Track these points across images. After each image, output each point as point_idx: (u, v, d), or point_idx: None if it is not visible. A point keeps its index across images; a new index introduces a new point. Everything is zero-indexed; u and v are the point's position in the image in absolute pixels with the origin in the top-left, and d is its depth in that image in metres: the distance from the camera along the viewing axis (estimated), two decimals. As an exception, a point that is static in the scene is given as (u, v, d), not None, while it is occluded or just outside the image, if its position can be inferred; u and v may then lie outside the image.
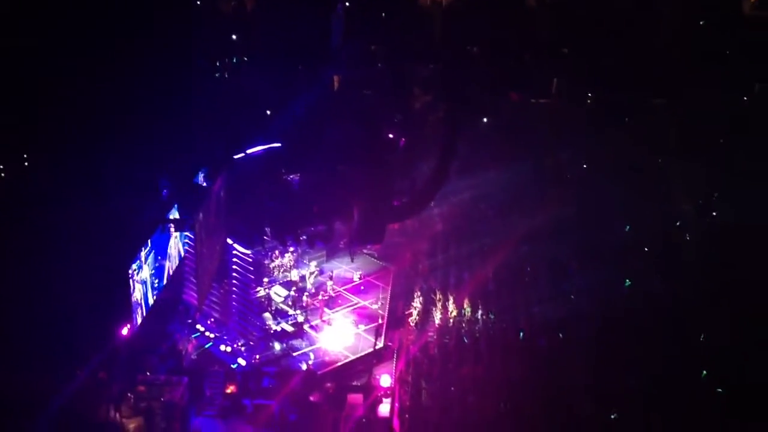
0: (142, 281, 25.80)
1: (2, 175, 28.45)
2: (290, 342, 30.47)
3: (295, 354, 29.84)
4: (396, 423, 25.96)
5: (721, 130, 37.97)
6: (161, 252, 27.73)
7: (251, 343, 30.19)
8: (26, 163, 27.12)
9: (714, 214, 36.51)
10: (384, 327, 31.27)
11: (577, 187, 39.54)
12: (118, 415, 25.58)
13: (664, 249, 34.36)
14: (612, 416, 25.33)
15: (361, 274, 35.54)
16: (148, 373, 27.55)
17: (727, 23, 38.05)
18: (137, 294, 25.53)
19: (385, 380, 27.28)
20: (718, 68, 37.51)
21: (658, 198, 37.64)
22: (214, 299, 31.46)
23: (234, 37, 38.55)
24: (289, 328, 31.04)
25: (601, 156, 40.38)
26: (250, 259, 30.47)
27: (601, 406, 25.73)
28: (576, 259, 35.10)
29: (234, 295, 31.01)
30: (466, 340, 30.34)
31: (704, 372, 27.43)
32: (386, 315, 32.21)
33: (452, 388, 27.40)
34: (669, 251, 34.21)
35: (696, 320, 29.72)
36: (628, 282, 33.19)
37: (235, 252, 30.56)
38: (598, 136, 40.13)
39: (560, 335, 30.03)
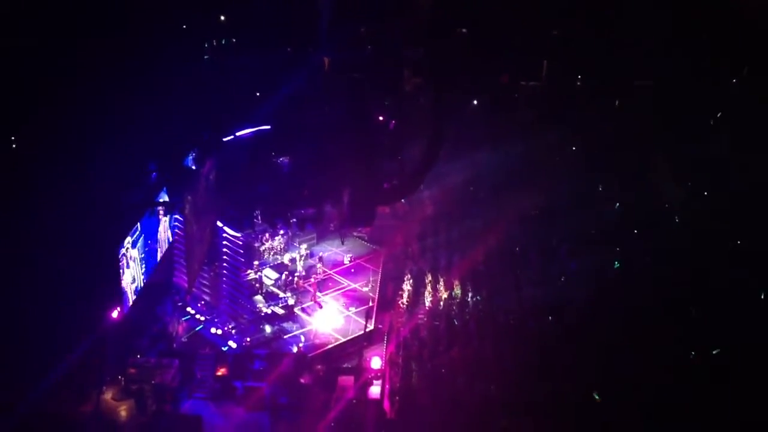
0: (132, 264, 25.74)
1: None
2: (281, 325, 30.55)
3: (285, 336, 29.92)
4: (386, 405, 26.08)
5: (710, 113, 37.99)
6: (151, 235, 27.66)
7: (242, 325, 30.21)
8: (14, 146, 26.78)
9: (705, 194, 36.58)
10: (374, 309, 31.37)
11: (566, 170, 39.55)
12: (108, 397, 25.64)
13: (654, 231, 34.46)
14: (598, 398, 25.44)
15: (351, 257, 35.61)
16: (138, 356, 27.64)
17: (716, 7, 37.96)
18: (127, 277, 25.50)
19: (376, 362, 27.37)
20: (707, 52, 37.44)
21: (648, 180, 37.71)
22: (204, 282, 31.44)
23: (222, 18, 38.13)
24: (280, 311, 31.09)
25: (590, 138, 40.38)
26: (241, 242, 30.45)
27: (590, 388, 25.84)
28: (566, 241, 35.22)
29: (224, 278, 31.00)
30: (456, 323, 30.42)
31: (692, 353, 27.62)
32: (376, 297, 32.31)
33: (442, 370, 27.48)
34: (659, 233, 34.28)
35: (687, 302, 29.83)
36: (617, 264, 33.33)
37: (225, 235, 30.53)
38: (587, 118, 40.10)
39: (550, 318, 30.13)
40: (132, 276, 26.05)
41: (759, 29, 36.59)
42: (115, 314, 25.16)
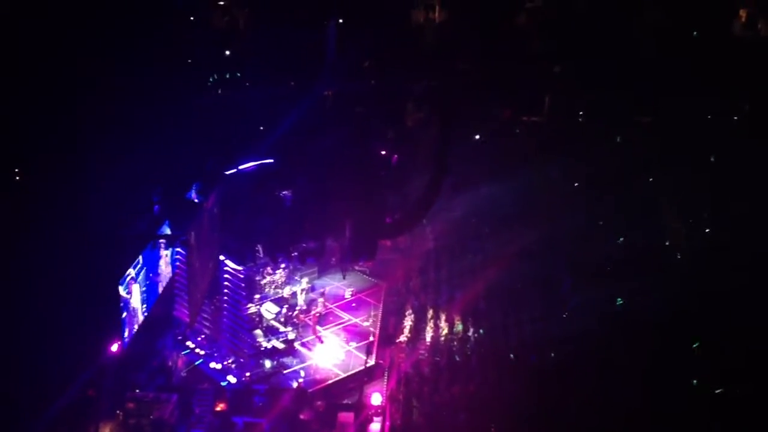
0: (133, 297, 25.66)
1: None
2: (281, 359, 30.36)
3: (285, 372, 29.72)
4: (387, 442, 25.88)
5: (711, 148, 38.13)
6: (152, 268, 27.60)
7: (242, 360, 30.04)
8: (17, 178, 26.91)
9: (707, 230, 36.58)
10: (375, 344, 31.19)
11: (567, 205, 39.55)
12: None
13: (656, 267, 34.38)
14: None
15: (352, 291, 35.48)
16: (137, 390, 27.40)
17: (717, 42, 38.29)
18: (128, 310, 25.39)
19: (376, 398, 27.15)
20: (707, 87, 37.70)
21: (650, 216, 37.72)
22: (204, 315, 31.31)
23: (227, 52, 38.52)
24: (280, 346, 30.91)
25: (592, 173, 40.46)
26: (242, 276, 30.38)
27: (594, 424, 25.62)
28: (568, 276, 35.12)
29: (225, 312, 30.89)
30: (457, 359, 30.23)
31: (695, 388, 27.46)
32: (378, 332, 32.14)
33: (443, 407, 27.26)
34: (660, 269, 34.20)
35: (689, 337, 29.70)
36: (620, 300, 33.21)
37: (226, 268, 30.47)
38: (589, 153, 40.24)
39: (552, 353, 29.94)
40: (132, 309, 25.95)
41: (758, 66, 36.93)
42: (114, 347, 25.02)
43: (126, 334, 25.21)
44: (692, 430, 25.34)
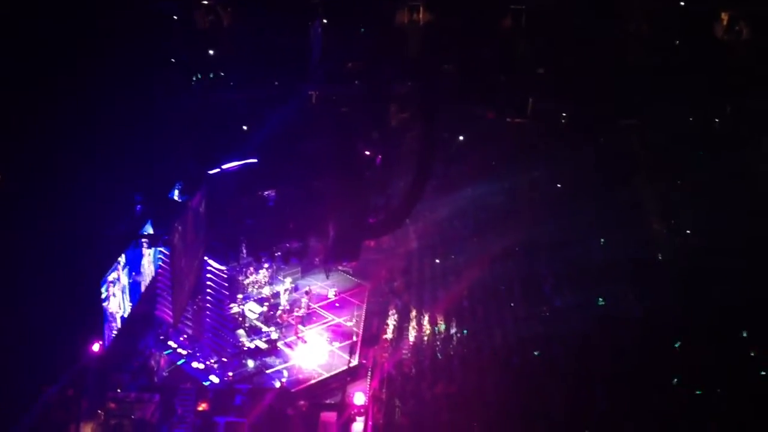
0: (114, 297, 25.54)
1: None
2: (264, 359, 30.33)
3: (268, 371, 29.69)
4: (370, 441, 25.89)
5: (693, 151, 38.43)
6: (135, 268, 27.49)
7: (224, 360, 29.97)
8: (-2, 176, 26.64)
9: (688, 232, 36.89)
10: (358, 344, 31.23)
11: (551, 207, 39.78)
12: (87, 432, 25.30)
13: (637, 269, 34.63)
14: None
15: (336, 291, 35.50)
16: (118, 390, 27.25)
17: (699, 46, 38.58)
18: (109, 310, 25.27)
19: (359, 398, 27.15)
20: (690, 90, 37.99)
21: (632, 217, 37.99)
22: (187, 315, 31.21)
23: (211, 52, 38.39)
24: (263, 345, 30.88)
25: (574, 175, 40.70)
26: (225, 275, 30.31)
27: (576, 426, 25.74)
28: (551, 277, 35.31)
29: (207, 311, 30.81)
30: (440, 358, 30.31)
31: (678, 389, 27.65)
32: (361, 332, 32.19)
33: (426, 407, 27.30)
34: (642, 271, 34.44)
35: (669, 339, 29.91)
36: (601, 301, 33.42)
37: (209, 267, 30.40)
38: (572, 156, 40.47)
39: (534, 354, 30.08)
40: (114, 309, 25.83)
41: (742, 69, 37.24)
42: (95, 347, 24.89)
43: (107, 333, 25.08)
44: (673, 429, 25.49)
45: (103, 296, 24.31)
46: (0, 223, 24.15)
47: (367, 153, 38.62)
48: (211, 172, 30.96)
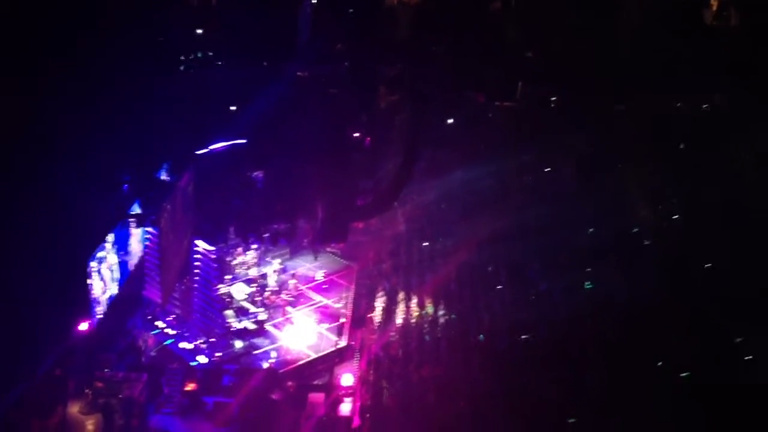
0: (102, 276, 25.46)
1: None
2: (251, 340, 30.33)
3: (256, 352, 29.71)
4: (357, 422, 25.99)
5: (681, 136, 38.71)
6: (123, 247, 27.38)
7: (212, 340, 29.96)
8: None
9: (675, 217, 37.16)
10: (346, 326, 31.29)
11: (539, 191, 39.95)
12: (75, 411, 25.27)
13: (625, 253, 34.85)
14: (570, 420, 25.58)
15: (324, 273, 35.47)
16: (106, 370, 27.23)
17: (688, 31, 38.75)
18: (97, 289, 25.18)
19: (347, 379, 27.29)
20: (679, 76, 38.19)
21: (620, 201, 38.21)
22: (175, 295, 31.11)
23: (199, 31, 38.08)
24: (251, 326, 30.88)
25: (562, 159, 40.88)
26: (213, 256, 30.24)
27: (561, 408, 25.98)
28: (538, 261, 35.47)
29: (195, 292, 30.74)
30: (427, 340, 30.46)
31: (665, 373, 27.95)
32: (349, 314, 32.23)
33: (413, 388, 27.49)
34: (629, 255, 34.68)
35: (656, 322, 30.18)
36: (588, 284, 33.63)
37: (197, 248, 30.31)
38: (560, 140, 40.64)
39: (521, 337, 30.28)
40: (102, 288, 25.74)
41: (729, 54, 37.47)
42: (83, 326, 24.81)
43: (94, 313, 25.02)
44: (658, 413, 25.75)
45: (91, 276, 24.20)
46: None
47: (356, 135, 38.58)
48: (199, 152, 30.80)
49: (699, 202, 36.01)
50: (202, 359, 29.01)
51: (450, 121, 43.08)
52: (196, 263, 30.49)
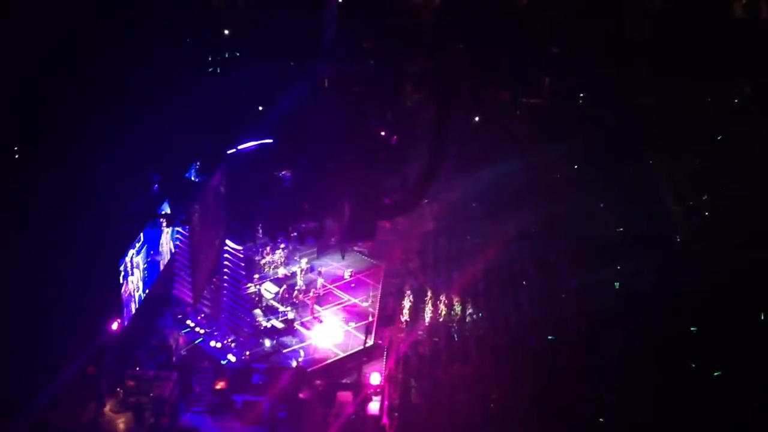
0: (133, 276, 25.68)
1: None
2: (280, 339, 30.45)
3: (285, 351, 29.82)
4: (385, 420, 26.00)
5: (711, 131, 38.23)
6: (153, 247, 27.61)
7: (241, 339, 30.14)
8: (16, 156, 26.83)
9: (705, 213, 36.73)
10: (374, 325, 31.29)
11: (567, 187, 39.66)
12: (107, 409, 25.55)
13: (655, 249, 34.51)
14: (600, 419, 25.43)
15: (351, 272, 35.49)
16: (137, 369, 27.52)
17: (717, 23, 38.29)
18: (128, 289, 25.42)
19: (375, 378, 27.28)
20: (707, 69, 37.74)
21: (648, 198, 37.85)
22: (205, 295, 31.35)
23: (226, 32, 38.36)
24: (279, 325, 31.01)
25: (591, 155, 40.56)
26: (241, 255, 30.41)
27: (590, 405, 25.82)
28: (566, 259, 35.23)
29: (225, 291, 30.93)
30: (456, 338, 30.40)
31: (693, 370, 27.68)
32: (376, 313, 32.23)
33: (441, 387, 27.45)
34: (659, 251, 34.33)
35: (685, 320, 29.88)
36: (617, 284, 33.36)
37: (226, 248, 30.50)
38: (589, 136, 40.36)
39: (549, 335, 30.11)
40: (133, 288, 25.99)
41: (758, 47, 36.93)
42: (115, 326, 25.08)
43: (126, 312, 25.27)
44: (690, 410, 25.49)
45: (122, 275, 24.45)
46: (21, 204, 24.35)
47: (383, 133, 38.60)
48: (228, 152, 30.98)
49: (729, 197, 35.53)
50: (231, 358, 29.20)
51: (476, 118, 42.92)
52: (225, 262, 30.68)
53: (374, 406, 26.58)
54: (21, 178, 25.92)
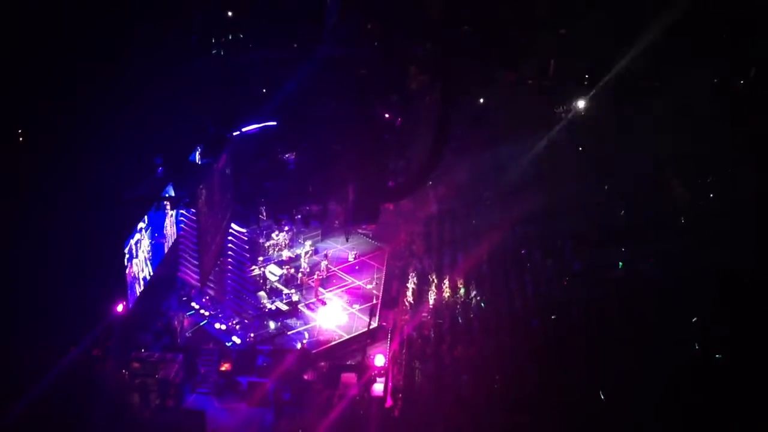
0: (138, 258, 25.73)
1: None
2: (285, 321, 30.58)
3: (289, 333, 29.96)
4: (389, 402, 26.08)
5: (716, 114, 37.93)
6: (158, 230, 27.65)
7: (246, 321, 30.25)
8: (20, 139, 26.80)
9: (711, 195, 36.53)
10: (378, 307, 31.37)
11: (572, 170, 39.52)
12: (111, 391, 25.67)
13: (659, 232, 34.35)
14: (603, 398, 25.43)
15: (355, 254, 35.60)
16: (142, 350, 27.64)
17: (722, 7, 37.93)
18: (133, 271, 25.47)
19: (379, 360, 27.35)
20: (714, 52, 37.48)
21: (654, 181, 37.68)
22: (210, 277, 31.42)
23: (228, 13, 38.12)
24: (284, 307, 31.10)
25: (596, 137, 40.38)
26: (246, 238, 30.47)
27: (594, 388, 25.81)
28: (571, 241, 35.15)
29: (229, 274, 31.03)
30: (460, 321, 30.41)
31: (696, 353, 27.60)
32: (380, 295, 32.31)
33: (445, 369, 27.49)
34: (664, 234, 34.17)
35: (689, 303, 29.77)
36: (621, 264, 33.28)
37: (230, 230, 30.53)
38: (593, 118, 40.17)
39: (554, 317, 30.08)
40: (137, 270, 26.03)
41: (763, 30, 36.59)
42: (119, 308, 25.15)
43: (131, 294, 25.32)
44: (692, 395, 25.45)
45: (126, 257, 24.48)
46: (25, 186, 24.35)
47: (387, 116, 38.45)
48: (230, 134, 30.91)
49: (735, 180, 35.33)
50: (236, 340, 29.31)
51: (481, 100, 42.72)
52: (230, 245, 30.73)
53: (378, 388, 26.70)
54: (23, 162, 25.90)
